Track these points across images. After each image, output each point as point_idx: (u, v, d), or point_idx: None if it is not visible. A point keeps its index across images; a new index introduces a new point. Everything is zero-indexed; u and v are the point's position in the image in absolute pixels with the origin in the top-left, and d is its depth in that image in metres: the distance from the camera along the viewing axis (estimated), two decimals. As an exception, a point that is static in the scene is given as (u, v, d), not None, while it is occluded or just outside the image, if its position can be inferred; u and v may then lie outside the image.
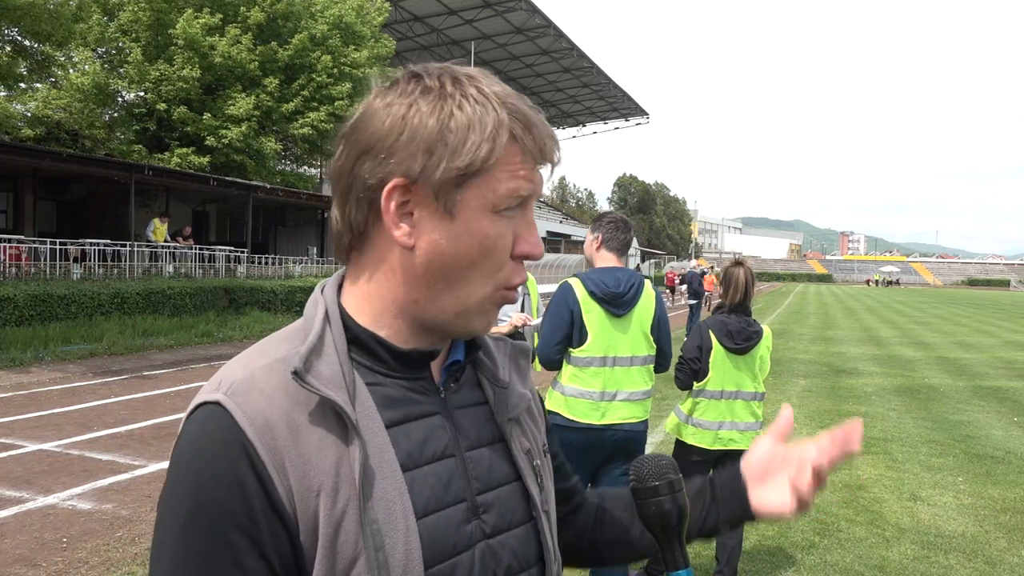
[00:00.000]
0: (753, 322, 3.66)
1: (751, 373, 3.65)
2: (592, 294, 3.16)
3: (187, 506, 0.67)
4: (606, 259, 3.29)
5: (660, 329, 3.29)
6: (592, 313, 3.16)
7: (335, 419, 0.71)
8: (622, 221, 3.35)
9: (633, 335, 3.21)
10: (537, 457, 0.86)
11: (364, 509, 0.68)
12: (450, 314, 0.76)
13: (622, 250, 3.32)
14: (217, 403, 0.69)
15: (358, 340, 0.76)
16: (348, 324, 0.77)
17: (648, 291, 3.27)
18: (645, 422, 3.27)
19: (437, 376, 0.81)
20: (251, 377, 0.71)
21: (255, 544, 0.66)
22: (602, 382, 3.15)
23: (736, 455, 4.15)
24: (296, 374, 0.69)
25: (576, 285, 3.20)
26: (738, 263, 3.72)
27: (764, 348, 3.68)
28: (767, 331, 3.71)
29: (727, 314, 3.65)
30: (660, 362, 3.34)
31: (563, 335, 3.16)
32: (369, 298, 0.78)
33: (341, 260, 0.81)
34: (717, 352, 3.60)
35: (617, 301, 3.17)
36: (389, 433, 0.73)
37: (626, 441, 3.20)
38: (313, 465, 0.69)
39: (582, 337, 3.16)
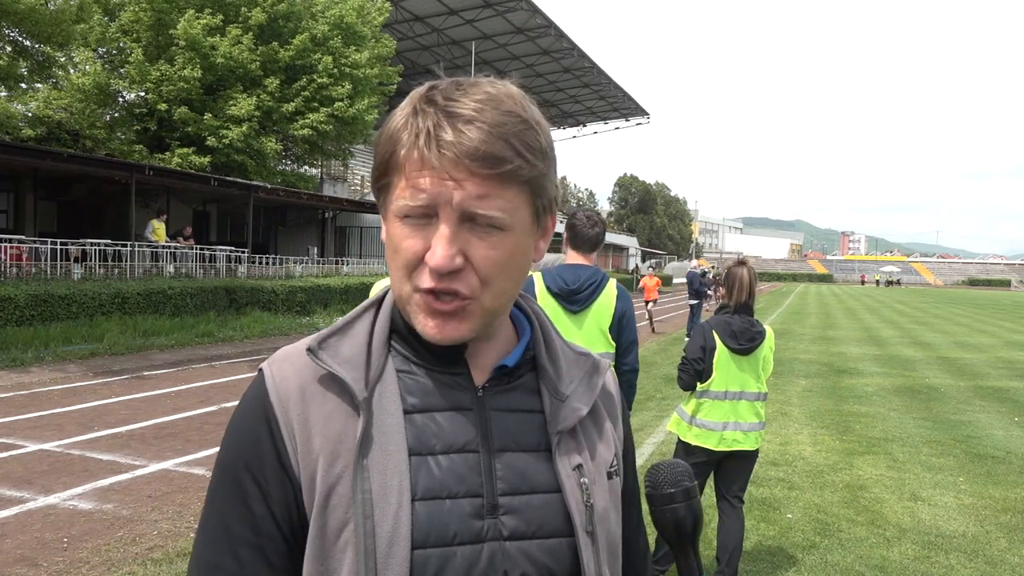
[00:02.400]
0: (756, 322, 3.65)
1: (755, 373, 3.64)
2: (548, 289, 3.23)
3: (222, 454, 0.79)
4: (572, 256, 3.35)
5: (622, 326, 3.30)
6: (547, 308, 3.19)
7: (349, 394, 0.76)
8: (587, 218, 3.37)
9: (588, 332, 3.24)
10: (587, 475, 0.81)
11: (358, 478, 0.73)
12: (402, 308, 0.79)
13: (587, 246, 3.34)
14: (261, 369, 0.80)
15: (399, 330, 0.82)
16: (394, 316, 0.83)
17: (610, 290, 3.28)
18: None
19: (482, 376, 0.82)
20: (292, 351, 0.81)
21: (263, 492, 0.75)
22: None
23: (740, 456, 4.10)
24: (309, 350, 0.78)
25: (537, 279, 3.29)
26: (741, 263, 3.71)
27: (767, 348, 3.67)
28: (770, 331, 3.71)
29: (730, 314, 3.64)
30: (623, 360, 3.33)
31: None
32: None
33: None
34: (721, 352, 3.59)
35: (571, 297, 3.21)
36: (407, 418, 0.77)
37: None
38: (317, 431, 0.75)
39: None
